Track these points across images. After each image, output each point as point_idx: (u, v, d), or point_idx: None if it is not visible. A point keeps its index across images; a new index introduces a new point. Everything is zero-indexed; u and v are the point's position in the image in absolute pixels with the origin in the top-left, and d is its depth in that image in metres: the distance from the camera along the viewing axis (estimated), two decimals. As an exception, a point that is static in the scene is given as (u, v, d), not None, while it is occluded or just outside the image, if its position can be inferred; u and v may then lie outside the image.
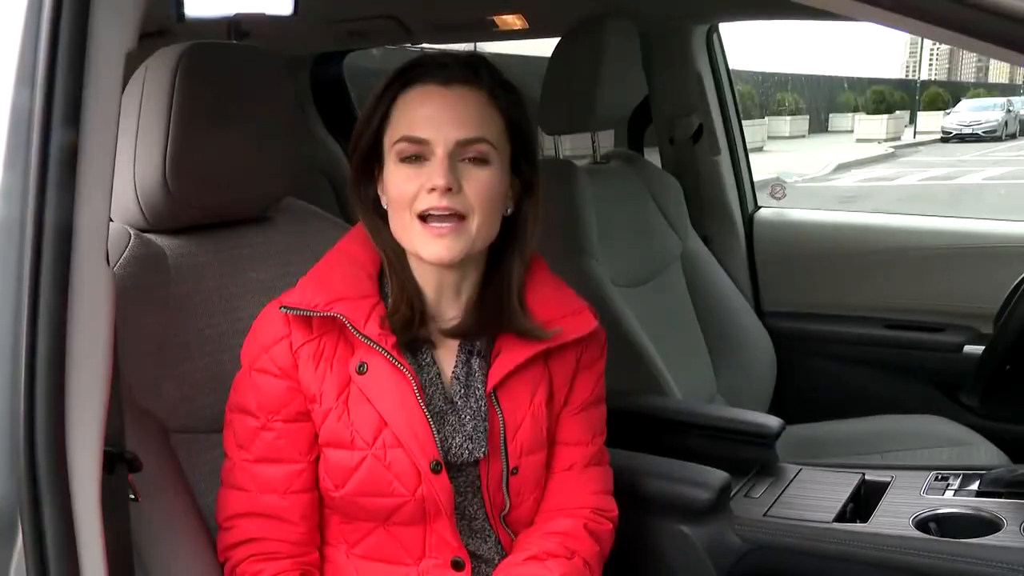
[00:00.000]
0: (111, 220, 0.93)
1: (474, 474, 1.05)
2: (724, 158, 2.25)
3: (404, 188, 0.97)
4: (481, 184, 0.97)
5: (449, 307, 1.05)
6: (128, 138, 1.09)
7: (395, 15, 2.23)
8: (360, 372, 0.99)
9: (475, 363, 1.05)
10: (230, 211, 1.24)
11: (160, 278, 1.12)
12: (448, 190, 0.95)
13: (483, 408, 1.04)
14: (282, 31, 2.20)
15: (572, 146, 2.22)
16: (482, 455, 1.03)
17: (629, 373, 1.74)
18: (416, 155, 0.97)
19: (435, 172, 0.95)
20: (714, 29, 2.24)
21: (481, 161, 0.98)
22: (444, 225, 0.96)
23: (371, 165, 1.03)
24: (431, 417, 1.00)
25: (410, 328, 1.02)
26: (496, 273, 1.05)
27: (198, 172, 1.12)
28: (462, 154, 0.97)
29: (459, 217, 0.96)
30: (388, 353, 0.99)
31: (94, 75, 0.81)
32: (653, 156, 2.28)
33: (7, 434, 0.81)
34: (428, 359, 1.05)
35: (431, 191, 0.95)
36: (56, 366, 0.81)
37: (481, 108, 0.99)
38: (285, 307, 1.00)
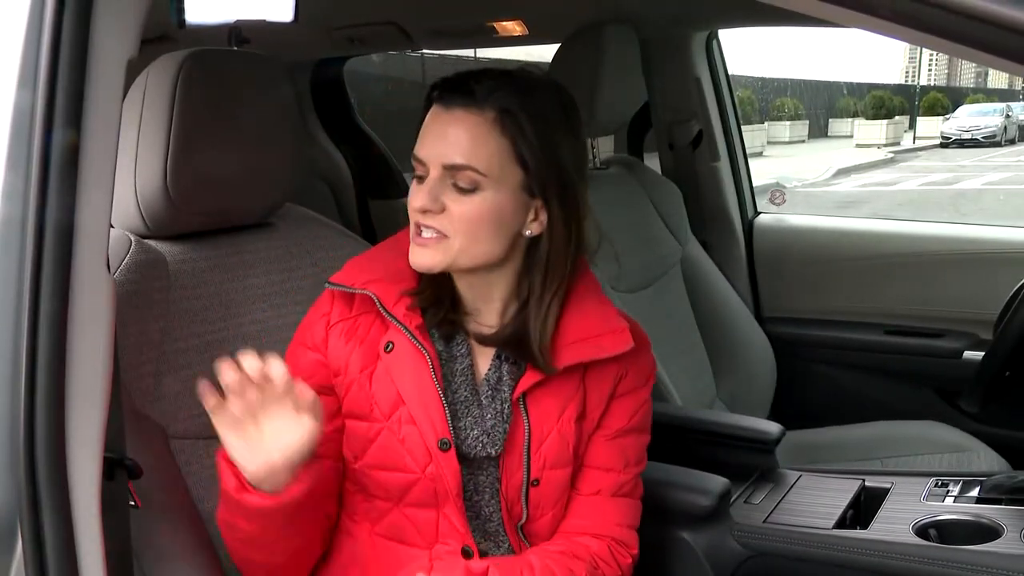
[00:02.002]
0: (112, 226, 0.93)
1: (493, 475, 1.05)
2: (724, 164, 2.25)
3: (410, 201, 1.02)
4: (463, 210, 0.98)
5: (487, 314, 1.06)
6: (129, 144, 1.09)
7: (395, 21, 2.23)
8: (387, 351, 1.03)
9: (504, 368, 1.06)
10: (231, 217, 1.24)
11: (160, 284, 1.12)
12: (426, 211, 0.99)
13: (506, 411, 1.04)
14: (283, 37, 2.20)
15: (572, 151, 2.22)
16: (495, 452, 1.04)
17: (629, 379, 1.74)
18: (420, 172, 1.01)
19: (416, 192, 1.00)
20: (713, 35, 2.24)
21: (467, 189, 0.98)
22: (428, 237, 1.00)
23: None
24: (449, 402, 1.03)
25: (439, 309, 1.04)
26: (535, 292, 1.05)
27: (199, 178, 1.12)
28: (451, 178, 0.99)
29: (442, 234, 0.99)
30: (411, 333, 1.02)
31: (95, 81, 0.81)
32: (653, 162, 2.29)
33: (7, 440, 0.81)
34: (463, 350, 1.06)
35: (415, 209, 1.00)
36: (56, 372, 0.81)
37: (475, 134, 0.98)
38: (329, 283, 1.06)
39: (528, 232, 1.03)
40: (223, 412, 0.88)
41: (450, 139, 0.98)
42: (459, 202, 0.98)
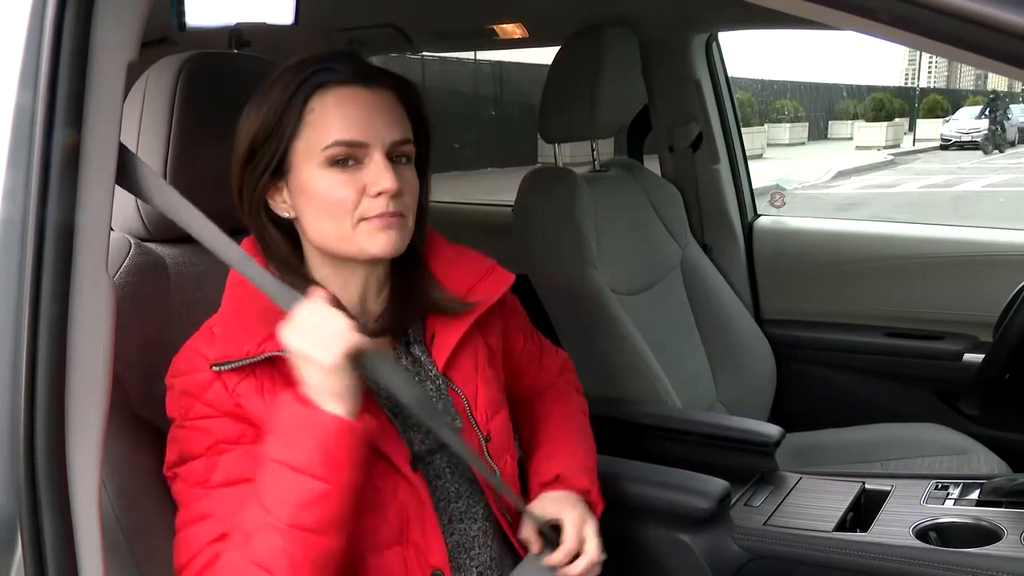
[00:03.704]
0: (112, 229, 0.93)
1: (451, 460, 1.04)
2: (723, 166, 2.25)
3: (342, 194, 0.95)
4: (412, 183, 0.99)
5: (372, 305, 1.04)
6: (129, 146, 1.09)
7: (396, 24, 2.24)
8: None
9: (416, 350, 1.06)
10: (231, 220, 1.23)
11: (160, 286, 1.12)
12: (399, 193, 0.95)
13: (443, 387, 1.05)
14: (283, 40, 2.21)
15: (571, 153, 2.23)
16: (458, 423, 1.04)
17: (628, 381, 1.74)
18: (347, 158, 0.95)
19: (381, 176, 0.94)
20: (713, 37, 2.25)
21: (407, 160, 0.99)
22: (392, 219, 0.95)
23: (267, 177, 0.99)
24: (393, 411, 1.00)
25: None
26: (399, 261, 1.03)
27: (199, 181, 1.12)
28: (393, 153, 0.97)
29: (400, 214, 0.97)
30: None
31: (96, 82, 0.81)
32: (652, 164, 2.29)
33: (7, 442, 0.81)
34: None
35: (377, 195, 0.94)
36: (56, 374, 0.81)
37: (398, 107, 0.99)
38: (216, 365, 0.93)
39: None
40: None
41: (388, 115, 0.97)
42: (407, 178, 0.98)
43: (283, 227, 1.02)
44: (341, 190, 0.95)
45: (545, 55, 1.99)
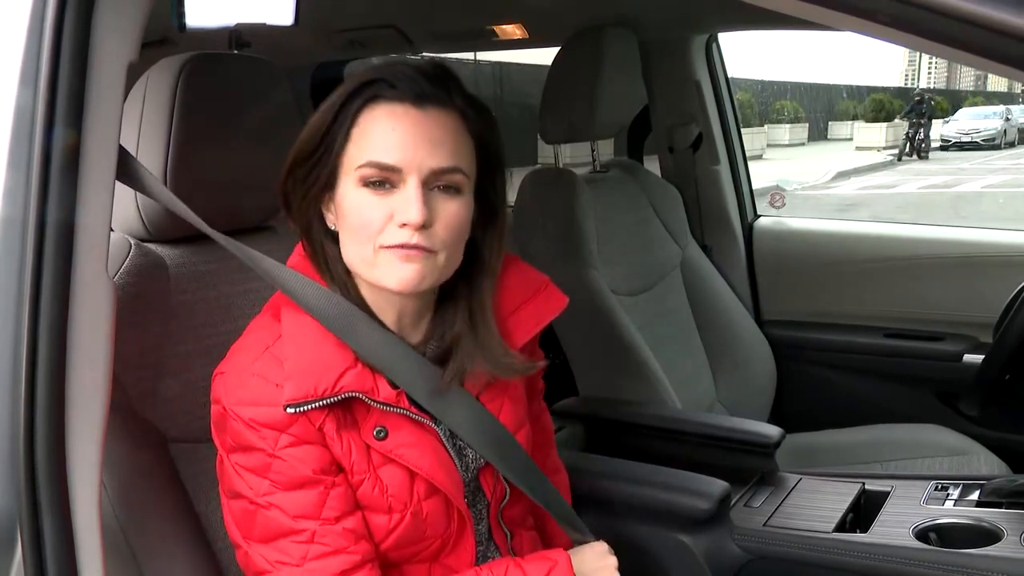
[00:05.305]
0: (112, 230, 0.93)
1: (480, 490, 1.03)
2: (723, 167, 2.26)
3: (369, 216, 0.89)
4: (452, 217, 0.90)
5: (410, 333, 0.98)
6: (129, 147, 1.09)
7: (395, 24, 2.24)
8: (380, 438, 0.93)
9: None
10: (231, 220, 1.24)
11: (161, 287, 1.12)
12: (422, 226, 0.87)
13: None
14: (283, 40, 2.21)
15: (572, 154, 2.23)
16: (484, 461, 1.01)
17: (628, 382, 1.74)
18: (382, 181, 0.89)
19: (409, 206, 0.87)
20: (713, 38, 2.25)
21: (454, 190, 0.90)
22: (413, 251, 0.88)
23: (318, 188, 0.94)
24: (452, 446, 0.99)
25: None
26: (455, 293, 0.98)
27: (199, 181, 1.12)
28: (433, 182, 0.89)
29: (428, 250, 0.89)
30: (408, 412, 0.94)
31: (96, 82, 0.82)
32: (652, 165, 2.29)
33: (7, 443, 0.81)
34: None
35: (403, 225, 0.88)
36: (56, 376, 0.81)
37: (455, 132, 0.91)
38: (292, 406, 0.89)
39: (466, 236, 0.95)
40: None
41: (434, 141, 0.89)
42: (446, 210, 0.89)
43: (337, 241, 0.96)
44: (368, 212, 0.89)
45: (545, 55, 1.99)
